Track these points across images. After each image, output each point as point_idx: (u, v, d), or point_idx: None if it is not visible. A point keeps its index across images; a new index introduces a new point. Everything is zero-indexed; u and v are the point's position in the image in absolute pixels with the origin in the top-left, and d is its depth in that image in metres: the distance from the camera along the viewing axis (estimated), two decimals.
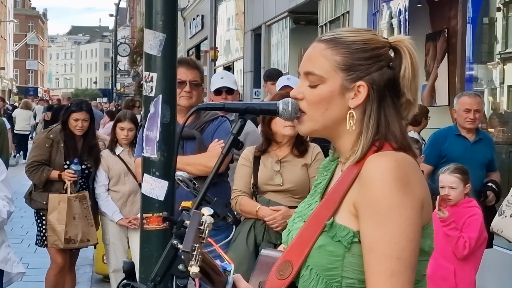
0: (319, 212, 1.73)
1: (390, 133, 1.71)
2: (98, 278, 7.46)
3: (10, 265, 4.31)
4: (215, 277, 1.64)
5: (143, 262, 3.34)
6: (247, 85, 18.48)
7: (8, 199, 4.24)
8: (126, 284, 1.80)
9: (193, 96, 4.27)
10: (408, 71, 1.72)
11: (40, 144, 5.69)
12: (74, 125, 5.68)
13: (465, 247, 4.37)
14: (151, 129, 3.25)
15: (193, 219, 1.58)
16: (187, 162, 4.00)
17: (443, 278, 4.41)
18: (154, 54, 3.28)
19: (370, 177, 1.63)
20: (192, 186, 2.64)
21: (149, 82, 3.30)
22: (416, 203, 1.63)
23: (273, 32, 17.37)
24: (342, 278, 1.66)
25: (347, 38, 1.74)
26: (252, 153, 4.25)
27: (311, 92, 1.74)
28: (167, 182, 3.25)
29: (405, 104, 1.75)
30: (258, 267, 1.83)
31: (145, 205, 3.33)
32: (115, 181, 5.82)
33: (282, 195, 4.17)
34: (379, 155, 1.67)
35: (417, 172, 1.68)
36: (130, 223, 5.70)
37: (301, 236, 1.74)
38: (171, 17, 3.31)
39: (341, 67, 1.72)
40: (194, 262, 1.52)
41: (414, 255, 1.62)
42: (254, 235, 4.12)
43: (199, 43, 26.17)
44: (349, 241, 1.66)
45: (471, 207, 4.53)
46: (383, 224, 1.60)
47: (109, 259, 5.93)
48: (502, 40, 8.00)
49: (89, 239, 5.64)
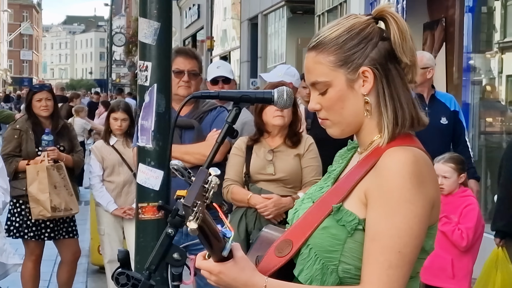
0: (329, 196, 1.76)
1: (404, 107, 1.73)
2: (94, 269, 7.48)
3: (6, 256, 4.31)
4: (214, 241, 1.65)
5: (139, 252, 3.35)
6: (244, 75, 18.47)
7: (3, 189, 4.25)
8: (121, 272, 1.81)
9: (192, 85, 4.29)
10: (396, 36, 1.74)
11: (9, 137, 5.66)
12: (39, 106, 5.68)
13: (463, 238, 4.38)
14: (146, 119, 3.25)
15: (199, 176, 1.59)
16: (185, 151, 4.02)
17: (441, 268, 4.43)
18: (149, 43, 3.28)
19: (388, 168, 1.66)
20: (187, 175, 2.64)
21: (144, 71, 3.30)
22: (427, 201, 1.65)
23: (270, 21, 17.34)
24: (339, 262, 1.68)
25: (330, 35, 1.76)
26: (244, 143, 4.28)
27: (324, 99, 1.77)
28: (162, 171, 3.26)
29: (406, 68, 1.77)
30: (259, 242, 1.85)
31: (140, 195, 3.34)
32: (110, 172, 5.82)
33: (274, 185, 4.20)
34: (399, 148, 1.69)
35: (432, 171, 1.71)
36: (125, 213, 5.70)
37: (306, 218, 1.76)
38: (165, 6, 3.31)
39: (338, 64, 1.74)
40: (193, 218, 1.53)
41: (415, 252, 1.65)
42: (246, 223, 4.16)
43: (195, 33, 26.13)
44: (353, 227, 1.68)
45: (466, 197, 4.54)
46: (391, 216, 1.63)
47: (104, 250, 5.93)
48: (500, 29, 8.00)
49: (71, 208, 5.59)
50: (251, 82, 17.20)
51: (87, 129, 13.35)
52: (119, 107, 5.83)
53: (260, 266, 1.76)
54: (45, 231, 5.69)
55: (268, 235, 1.86)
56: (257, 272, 1.71)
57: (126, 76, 47.26)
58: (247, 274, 1.69)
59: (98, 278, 7.16)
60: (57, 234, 5.75)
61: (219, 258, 1.69)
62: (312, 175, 4.17)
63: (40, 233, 5.69)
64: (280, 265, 1.74)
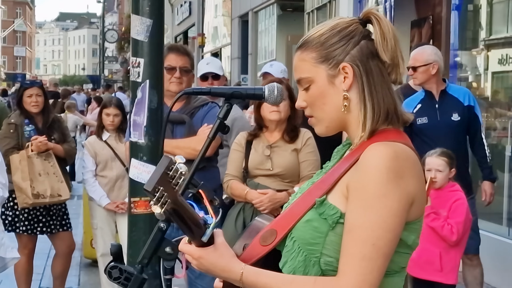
0: (314, 189, 1.77)
1: (385, 103, 1.74)
2: (87, 263, 7.47)
3: (4, 250, 4.30)
4: (194, 227, 1.66)
5: (131, 246, 3.35)
6: (235, 71, 18.46)
7: (2, 184, 4.23)
8: (114, 266, 1.81)
9: (183, 82, 4.29)
10: (378, 36, 1.76)
11: (5, 132, 5.65)
12: (29, 101, 5.67)
13: (453, 232, 4.39)
14: (138, 114, 3.25)
15: (161, 163, 1.60)
16: (176, 145, 4.01)
17: (429, 262, 4.43)
18: (141, 39, 3.27)
19: (366, 162, 1.66)
20: None
21: (136, 68, 3.29)
22: (404, 196, 1.65)
23: (260, 18, 17.34)
24: (321, 255, 1.69)
25: (315, 34, 1.79)
26: (244, 138, 4.31)
27: (307, 95, 1.79)
28: (154, 166, 3.25)
29: (389, 67, 1.77)
30: (249, 230, 1.86)
31: (132, 189, 3.34)
32: (102, 167, 5.81)
33: (272, 179, 4.21)
34: (380, 144, 1.69)
35: (415, 167, 1.69)
36: (118, 208, 5.69)
37: (291, 209, 1.77)
38: (157, 3, 3.30)
39: (319, 60, 1.76)
40: (158, 203, 1.53)
41: (390, 245, 1.64)
42: (243, 218, 4.19)
43: (186, 30, 26.07)
44: (335, 220, 1.68)
45: (455, 191, 4.55)
46: (366, 210, 1.63)
47: (97, 244, 5.93)
48: (486, 27, 8.02)
49: (60, 194, 5.56)
50: (241, 78, 17.18)
51: (80, 125, 13.32)
52: (111, 103, 5.83)
53: (245, 254, 1.77)
54: (38, 225, 5.68)
55: (258, 224, 1.87)
56: (235, 259, 1.72)
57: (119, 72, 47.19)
58: (225, 260, 1.71)
59: (90, 271, 7.16)
60: (52, 228, 5.74)
61: (200, 243, 1.71)
62: (309, 169, 4.17)
63: (32, 227, 5.68)
64: (263, 254, 1.75)
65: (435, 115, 5.16)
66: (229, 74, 18.33)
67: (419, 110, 5.15)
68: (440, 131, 5.09)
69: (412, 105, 5.13)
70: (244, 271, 1.69)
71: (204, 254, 1.71)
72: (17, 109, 5.81)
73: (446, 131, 5.07)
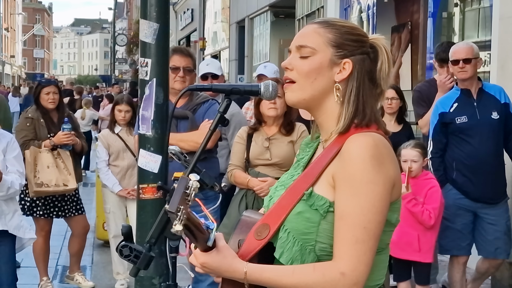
0: (299, 183, 1.74)
1: (366, 110, 1.72)
2: (100, 243, 7.46)
3: (23, 231, 4.29)
4: (198, 234, 1.64)
5: (139, 228, 3.34)
6: (232, 72, 18.44)
7: (19, 173, 4.22)
8: (125, 245, 1.80)
9: (187, 80, 4.29)
10: (385, 65, 1.75)
11: (22, 125, 5.63)
12: (46, 98, 5.65)
13: (431, 217, 4.40)
14: (146, 109, 3.24)
15: (180, 183, 1.58)
16: (180, 138, 4.02)
17: (408, 243, 4.45)
18: (149, 42, 3.26)
19: (350, 153, 1.64)
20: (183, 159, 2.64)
21: (144, 67, 3.28)
22: (387, 180, 1.64)
23: (256, 24, 17.31)
24: (316, 243, 1.67)
25: (337, 22, 1.77)
26: (246, 132, 4.34)
27: (303, 62, 1.75)
28: (160, 156, 3.25)
29: (379, 94, 1.76)
30: (239, 227, 1.82)
31: (141, 177, 3.33)
32: (115, 157, 5.83)
33: (271, 168, 4.24)
34: (360, 134, 1.67)
35: (391, 153, 1.69)
36: (129, 194, 5.70)
37: (280, 203, 1.74)
38: (163, 8, 3.29)
39: (331, 43, 1.73)
40: (178, 221, 1.52)
41: (379, 227, 1.63)
42: (246, 203, 4.22)
43: (189, 34, 26.01)
44: (325, 210, 1.66)
45: (429, 179, 4.56)
46: (355, 196, 1.61)
47: (109, 226, 5.94)
48: (459, 32, 8.02)
49: (66, 184, 5.54)
50: (238, 78, 17.17)
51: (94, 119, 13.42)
52: (123, 100, 5.91)
53: (242, 249, 1.73)
54: (54, 210, 5.68)
55: (247, 219, 1.84)
56: (237, 259, 1.69)
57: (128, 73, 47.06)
58: (228, 261, 1.67)
59: (103, 251, 7.15)
60: (67, 213, 5.74)
61: (204, 247, 1.68)
62: None
63: (49, 212, 5.67)
64: (260, 247, 1.71)
65: (474, 114, 4.61)
66: (227, 74, 18.29)
67: (457, 108, 4.65)
68: (482, 130, 4.60)
69: (447, 104, 4.68)
70: (247, 270, 1.66)
71: (208, 258, 1.68)
72: (35, 104, 5.79)
73: (488, 129, 4.58)
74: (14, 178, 4.15)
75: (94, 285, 5.94)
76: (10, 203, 4.24)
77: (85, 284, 5.91)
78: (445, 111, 4.67)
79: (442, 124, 4.69)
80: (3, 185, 4.06)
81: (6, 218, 4.17)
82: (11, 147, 4.23)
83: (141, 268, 1.81)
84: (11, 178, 4.13)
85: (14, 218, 4.23)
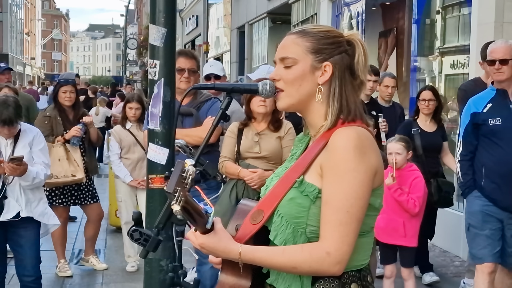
0: (291, 172, 1.74)
1: (350, 105, 1.72)
2: (112, 229, 7.47)
3: (47, 218, 4.30)
4: (198, 218, 1.64)
5: (149, 214, 3.34)
6: (233, 73, 18.45)
7: (45, 164, 4.23)
8: (135, 229, 1.81)
9: (191, 81, 4.28)
10: (361, 57, 1.74)
11: (40, 123, 5.62)
12: (64, 96, 5.66)
13: (415, 205, 4.40)
14: (155, 106, 3.23)
15: (177, 167, 1.58)
16: (186, 134, 4.02)
17: (394, 229, 4.45)
18: (157, 45, 3.25)
19: (335, 144, 1.65)
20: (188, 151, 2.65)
21: (153, 68, 3.28)
22: (369, 169, 1.64)
23: (255, 30, 17.29)
24: (306, 226, 1.67)
25: (312, 29, 1.77)
26: (236, 127, 4.29)
27: (287, 72, 1.75)
28: (168, 149, 3.24)
29: (359, 85, 1.76)
30: (237, 213, 1.83)
31: (150, 168, 3.32)
32: (126, 150, 5.84)
33: (260, 161, 4.21)
34: (344, 128, 1.68)
35: (373, 144, 1.69)
36: (139, 184, 5.70)
37: (273, 191, 1.75)
38: (171, 15, 3.28)
39: (310, 50, 1.73)
40: (176, 202, 1.52)
41: (361, 211, 1.63)
42: (236, 192, 4.18)
43: (194, 39, 25.96)
44: (315, 195, 1.66)
45: (413, 171, 4.56)
46: (339, 183, 1.62)
47: (121, 213, 5.95)
48: (440, 37, 8.02)
49: (75, 175, 5.55)
50: (239, 79, 17.16)
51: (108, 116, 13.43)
52: (134, 99, 5.91)
53: (239, 233, 1.74)
54: (71, 198, 5.71)
55: (244, 207, 1.84)
56: (232, 241, 1.69)
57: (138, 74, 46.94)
58: (224, 243, 1.67)
59: (115, 236, 7.16)
60: (83, 201, 5.76)
61: (204, 230, 1.68)
62: None
63: (66, 200, 5.69)
64: (255, 231, 1.72)
65: (509, 117, 3.99)
66: (229, 75, 18.27)
67: (490, 109, 4.03)
68: None
69: (481, 104, 4.06)
70: (241, 251, 1.66)
71: (206, 239, 1.68)
72: (53, 102, 5.80)
73: None
74: (39, 169, 4.15)
75: (107, 267, 5.95)
76: (36, 191, 4.24)
77: (99, 266, 5.92)
78: (478, 111, 4.05)
79: (474, 125, 4.07)
80: (29, 176, 4.06)
81: (31, 205, 4.18)
82: (37, 140, 4.24)
83: (150, 251, 1.82)
84: (37, 169, 4.14)
85: (39, 205, 4.23)
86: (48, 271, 5.59)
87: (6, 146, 4.15)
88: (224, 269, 1.75)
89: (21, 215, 4.12)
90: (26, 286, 4.24)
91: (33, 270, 4.21)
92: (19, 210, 4.12)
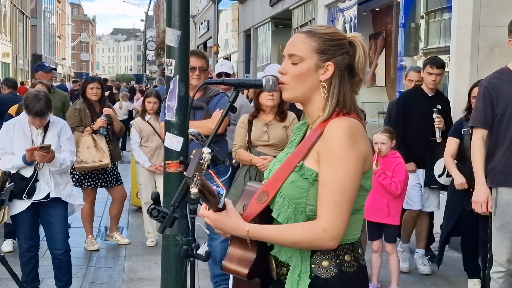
0: (292, 158, 1.74)
1: (346, 101, 1.72)
2: (134, 209, 7.50)
3: (73, 199, 4.31)
4: (211, 198, 1.64)
5: (165, 195, 3.34)
6: (240, 72, 18.44)
7: (71, 151, 4.25)
8: (154, 208, 1.82)
9: (201, 78, 4.27)
10: (361, 58, 1.73)
11: (71, 115, 5.69)
12: (91, 92, 5.72)
13: (397, 188, 4.40)
14: (171, 100, 3.23)
15: (196, 155, 1.58)
16: (197, 125, 4.00)
17: (379, 209, 4.45)
18: (173, 45, 3.24)
19: (330, 134, 1.64)
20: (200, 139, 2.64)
21: (169, 66, 3.27)
22: (360, 155, 1.64)
23: (259, 33, 17.25)
24: (306, 205, 1.67)
25: (320, 30, 1.75)
26: (246, 119, 4.32)
27: (294, 68, 1.74)
28: (182, 138, 3.24)
29: (357, 82, 1.75)
30: (244, 193, 1.83)
31: (167, 154, 3.32)
32: (145, 140, 5.85)
33: (269, 148, 4.23)
34: (338, 119, 1.67)
35: (363, 133, 1.69)
36: (157, 169, 5.72)
37: (276, 174, 1.75)
38: (185, 18, 3.26)
39: (316, 50, 1.72)
40: (194, 185, 1.52)
41: (353, 193, 1.63)
42: (249, 176, 4.22)
43: (205, 41, 25.95)
44: (313, 178, 1.67)
45: (396, 157, 4.56)
46: (334, 168, 1.62)
47: (141, 195, 5.97)
48: (424, 39, 7.98)
49: (101, 160, 5.58)
50: (245, 76, 17.16)
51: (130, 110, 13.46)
52: (152, 94, 5.92)
53: (246, 212, 1.74)
54: (98, 181, 5.72)
55: (251, 188, 1.83)
56: (241, 220, 1.69)
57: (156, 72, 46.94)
58: (234, 221, 1.68)
59: (136, 215, 7.19)
60: (108, 183, 5.78)
61: (216, 209, 1.68)
62: None
63: (94, 182, 5.71)
64: (261, 210, 1.72)
65: None
66: (237, 73, 18.25)
67: None
68: None
69: None
70: (249, 228, 1.67)
71: (218, 217, 1.68)
72: (81, 97, 5.83)
73: None
74: (66, 156, 4.17)
75: (129, 242, 5.97)
76: (63, 176, 4.26)
77: (122, 241, 5.94)
78: None
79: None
80: (56, 162, 4.08)
81: (59, 188, 4.20)
82: (65, 130, 4.26)
83: (167, 226, 1.82)
84: (64, 156, 4.16)
85: (66, 188, 4.25)
86: (77, 245, 5.63)
87: (37, 136, 4.17)
88: (232, 242, 1.76)
89: (51, 196, 4.14)
90: (57, 258, 4.27)
91: (62, 244, 4.23)
92: (49, 191, 4.14)
